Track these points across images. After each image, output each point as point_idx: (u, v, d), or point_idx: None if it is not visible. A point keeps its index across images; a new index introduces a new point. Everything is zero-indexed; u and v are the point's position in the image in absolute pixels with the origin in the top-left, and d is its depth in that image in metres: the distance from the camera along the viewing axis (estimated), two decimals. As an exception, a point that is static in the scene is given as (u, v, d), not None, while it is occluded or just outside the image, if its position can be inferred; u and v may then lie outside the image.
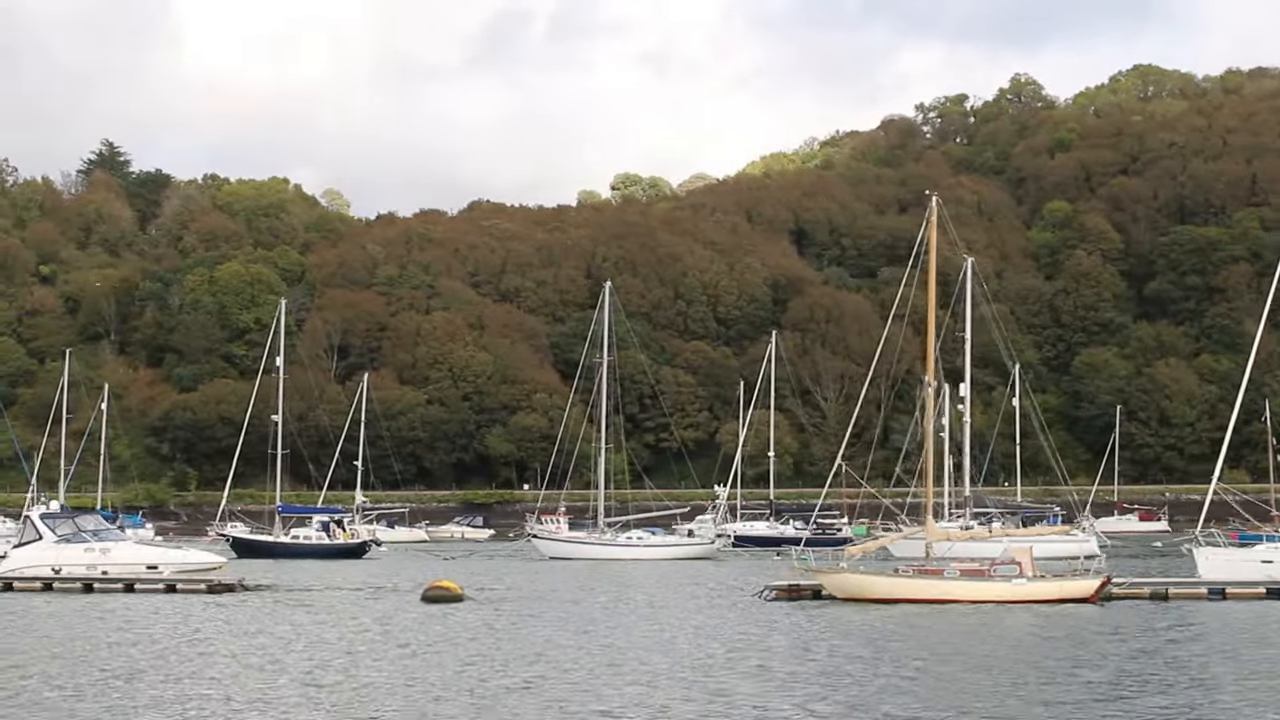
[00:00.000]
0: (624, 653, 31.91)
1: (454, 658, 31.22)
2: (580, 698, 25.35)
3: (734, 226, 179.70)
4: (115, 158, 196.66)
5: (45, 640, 35.40)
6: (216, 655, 32.09)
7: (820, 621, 38.09)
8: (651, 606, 44.12)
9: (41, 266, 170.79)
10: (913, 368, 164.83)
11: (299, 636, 36.00)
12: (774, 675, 27.99)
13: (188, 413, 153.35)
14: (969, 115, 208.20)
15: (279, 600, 48.40)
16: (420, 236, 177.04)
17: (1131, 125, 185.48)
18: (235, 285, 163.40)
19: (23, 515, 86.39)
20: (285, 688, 26.96)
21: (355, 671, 29.10)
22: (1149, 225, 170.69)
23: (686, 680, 27.34)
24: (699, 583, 56.09)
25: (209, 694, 26.18)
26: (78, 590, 52.25)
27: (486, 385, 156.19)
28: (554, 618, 40.61)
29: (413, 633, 36.82)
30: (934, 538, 45.73)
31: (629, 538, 77.59)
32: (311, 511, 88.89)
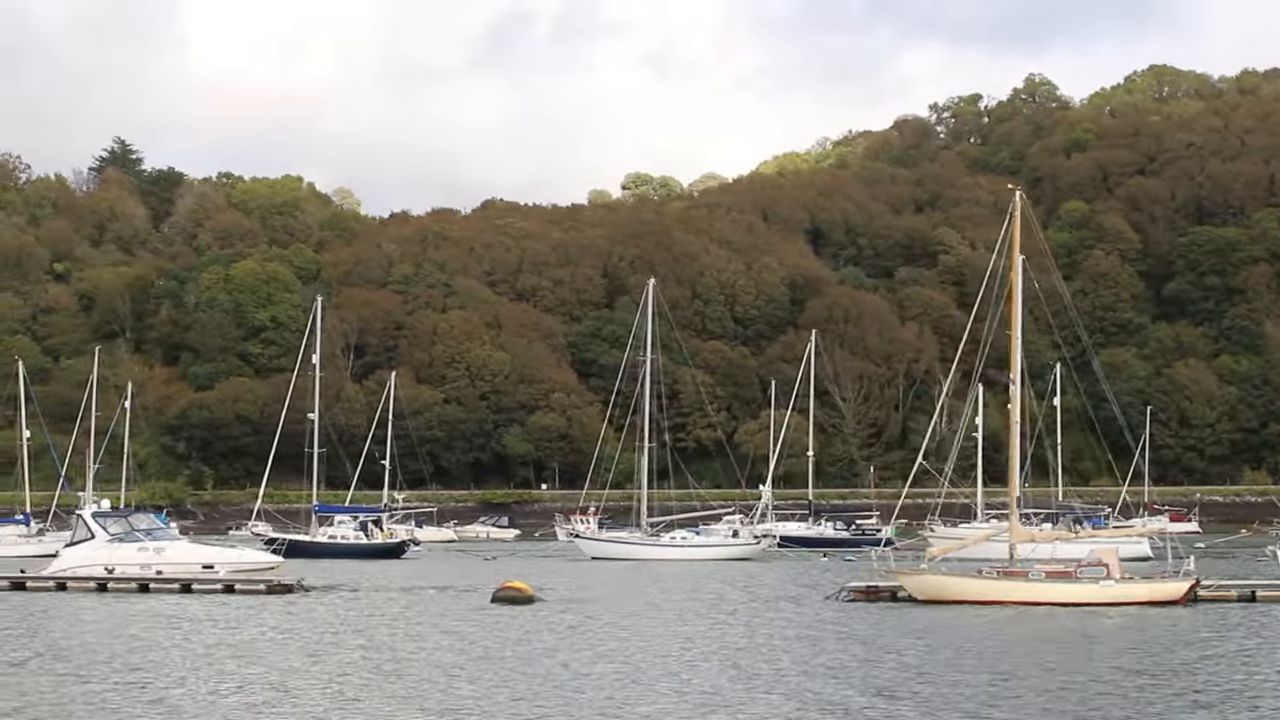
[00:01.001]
0: (734, 658, 31.30)
1: (585, 661, 30.59)
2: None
3: (750, 226, 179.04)
4: (127, 155, 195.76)
5: (181, 649, 34.39)
6: (369, 661, 31.33)
7: (910, 624, 37.46)
8: (731, 608, 43.48)
9: (55, 264, 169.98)
10: (931, 368, 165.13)
11: (408, 640, 35.08)
12: (882, 683, 27.27)
13: (204, 411, 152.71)
14: (983, 115, 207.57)
15: (348, 602, 47.71)
16: (435, 235, 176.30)
17: (1148, 125, 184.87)
18: (251, 283, 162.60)
19: (74, 514, 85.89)
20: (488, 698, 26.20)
21: (528, 675, 28.43)
22: (1167, 226, 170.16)
23: (800, 688, 26.68)
24: (760, 584, 55.43)
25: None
26: (133, 590, 51.59)
27: (504, 385, 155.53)
28: (639, 620, 39.97)
29: (518, 635, 36.17)
30: (1018, 539, 45.11)
31: (672, 538, 76.88)
32: (348, 511, 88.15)
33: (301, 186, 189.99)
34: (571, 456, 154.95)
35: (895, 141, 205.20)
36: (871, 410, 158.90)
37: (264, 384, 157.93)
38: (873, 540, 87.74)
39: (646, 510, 78.47)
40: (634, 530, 78.34)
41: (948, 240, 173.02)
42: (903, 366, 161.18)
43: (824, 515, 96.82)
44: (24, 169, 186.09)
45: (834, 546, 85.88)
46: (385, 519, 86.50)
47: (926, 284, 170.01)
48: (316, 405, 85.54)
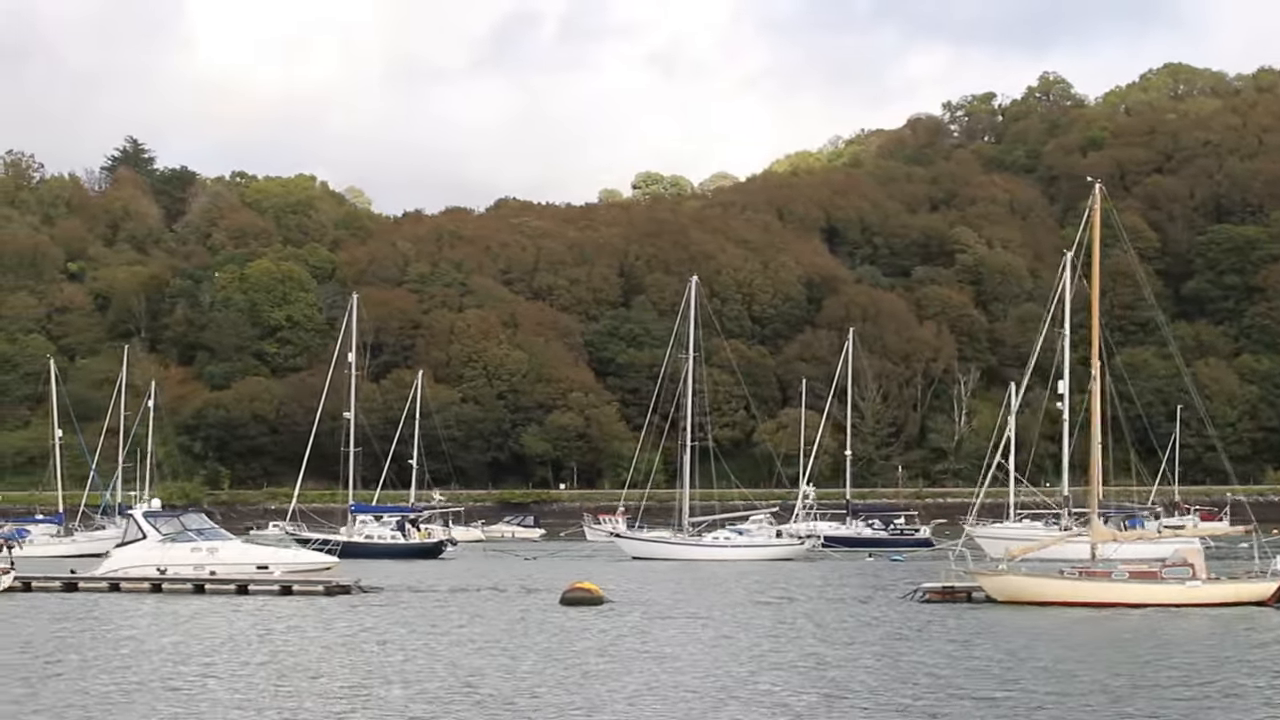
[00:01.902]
0: (837, 660, 30.70)
1: (697, 663, 30.00)
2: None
3: (765, 225, 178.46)
4: (139, 155, 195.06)
5: (303, 650, 33.67)
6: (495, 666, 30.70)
7: (999, 626, 36.83)
8: (803, 608, 42.86)
9: (70, 264, 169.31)
10: (949, 367, 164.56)
11: (490, 644, 34.37)
12: (984, 690, 26.65)
13: (221, 411, 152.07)
14: (996, 114, 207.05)
15: (414, 603, 47.04)
16: (450, 234, 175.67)
17: (1165, 123, 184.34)
18: (266, 283, 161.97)
19: (125, 513, 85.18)
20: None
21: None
22: (1186, 224, 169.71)
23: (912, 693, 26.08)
24: (819, 585, 54.79)
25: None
26: (188, 591, 50.89)
27: (521, 384, 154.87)
28: (719, 623, 39.34)
29: (610, 636, 35.62)
30: (1099, 539, 44.49)
31: (715, 538, 76.20)
32: (385, 510, 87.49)
33: (315, 185, 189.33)
34: (589, 456, 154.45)
35: (909, 140, 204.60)
36: (890, 409, 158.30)
37: (281, 384, 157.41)
38: (912, 540, 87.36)
39: (687, 510, 77.60)
40: (675, 530, 77.55)
41: (965, 239, 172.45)
42: (921, 365, 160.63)
43: (861, 515, 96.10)
44: (37, 168, 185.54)
45: (878, 546, 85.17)
46: (422, 519, 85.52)
47: (944, 283, 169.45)
48: (352, 404, 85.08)
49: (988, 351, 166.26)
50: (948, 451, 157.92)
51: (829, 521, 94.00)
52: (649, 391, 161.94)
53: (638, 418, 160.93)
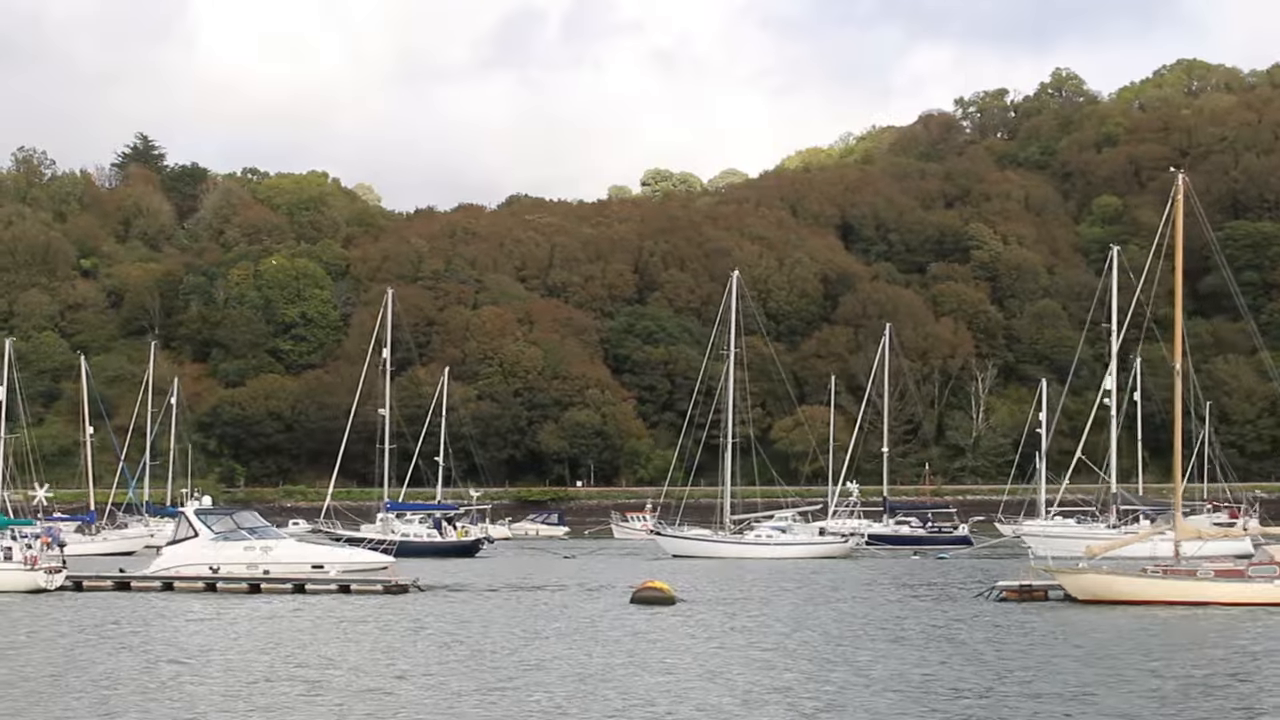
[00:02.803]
0: (934, 662, 30.12)
1: (818, 662, 29.47)
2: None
3: (780, 221, 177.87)
4: (149, 151, 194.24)
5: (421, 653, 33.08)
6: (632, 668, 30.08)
7: (1089, 626, 36.24)
8: (884, 609, 42.23)
9: (82, 260, 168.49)
10: (966, 363, 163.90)
11: (609, 643, 33.69)
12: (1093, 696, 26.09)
13: (236, 408, 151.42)
14: (1009, 110, 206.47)
15: (478, 603, 46.38)
16: (464, 231, 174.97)
17: (1179, 120, 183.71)
18: (280, 279, 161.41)
19: (177, 511, 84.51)
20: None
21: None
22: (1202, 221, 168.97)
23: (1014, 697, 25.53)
24: (880, 583, 54.19)
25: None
26: (243, 591, 50.22)
27: (537, 381, 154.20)
28: (799, 622, 38.76)
29: (702, 637, 35.02)
30: (1184, 536, 43.88)
31: (758, 536, 75.53)
32: (420, 508, 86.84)
33: (327, 182, 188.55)
34: (607, 454, 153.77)
35: (921, 136, 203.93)
36: (907, 406, 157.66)
37: (296, 381, 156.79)
38: (951, 538, 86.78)
39: (729, 507, 76.94)
40: (716, 528, 76.87)
41: (980, 235, 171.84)
42: (938, 362, 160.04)
43: (898, 512, 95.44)
44: (48, 165, 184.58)
45: (918, 544, 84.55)
46: (458, 517, 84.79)
47: (959, 279, 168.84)
48: (387, 401, 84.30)
49: (1004, 348, 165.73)
50: (965, 449, 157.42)
51: (859, 519, 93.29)
52: (666, 389, 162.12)
53: (654, 415, 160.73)
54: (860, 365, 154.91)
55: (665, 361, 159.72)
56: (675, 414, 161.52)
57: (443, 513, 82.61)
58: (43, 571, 51.17)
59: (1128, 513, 73.03)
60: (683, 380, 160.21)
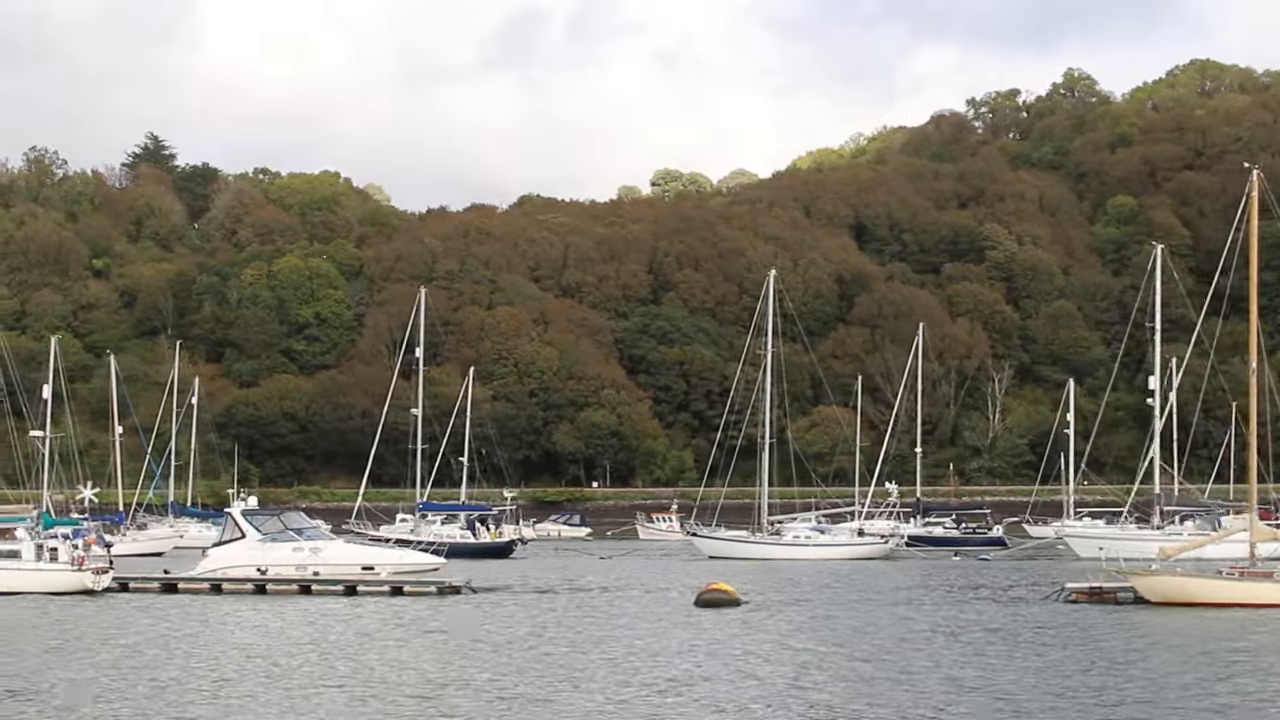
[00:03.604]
0: (1073, 671, 29.57)
1: (923, 667, 29.02)
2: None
3: (793, 221, 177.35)
4: (160, 151, 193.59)
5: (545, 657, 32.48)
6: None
7: (1172, 629, 35.74)
8: (951, 611, 41.69)
9: (94, 260, 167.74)
10: (982, 364, 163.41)
11: (704, 647, 33.10)
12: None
13: (250, 409, 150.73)
14: (1021, 110, 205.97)
15: (537, 604, 45.81)
16: (477, 230, 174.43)
17: (1194, 120, 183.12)
18: (294, 279, 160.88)
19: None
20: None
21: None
22: (1218, 220, 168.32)
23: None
24: (926, 585, 53.64)
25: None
26: (293, 593, 49.67)
27: (552, 381, 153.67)
28: (883, 625, 38.23)
29: (789, 639, 34.49)
30: (1260, 538, 43.34)
31: (796, 537, 74.95)
32: (454, 508, 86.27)
33: (338, 182, 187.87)
34: (622, 454, 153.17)
35: (933, 136, 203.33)
36: (924, 407, 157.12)
37: (310, 381, 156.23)
38: (985, 539, 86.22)
39: (766, 508, 76.34)
40: (754, 529, 76.25)
41: (995, 236, 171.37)
42: (955, 363, 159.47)
43: (931, 513, 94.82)
44: (60, 164, 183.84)
45: (953, 545, 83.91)
46: (491, 517, 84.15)
47: (974, 280, 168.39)
48: (419, 401, 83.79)
49: (1019, 349, 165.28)
50: (981, 449, 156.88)
51: (898, 520, 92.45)
52: (681, 389, 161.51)
53: (670, 415, 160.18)
54: (877, 366, 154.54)
55: (680, 362, 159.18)
56: (690, 414, 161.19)
57: (478, 514, 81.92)
58: (90, 572, 50.61)
59: (1172, 514, 72.42)
60: (698, 381, 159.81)
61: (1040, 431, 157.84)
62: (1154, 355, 79.84)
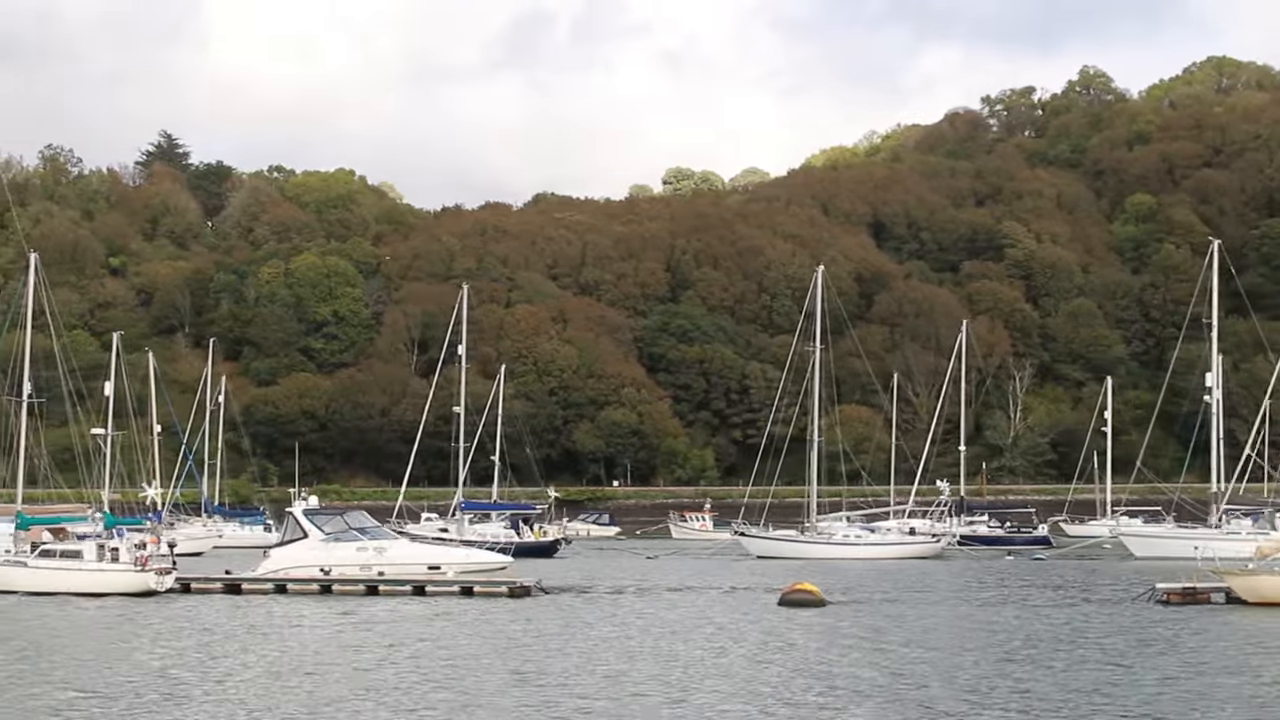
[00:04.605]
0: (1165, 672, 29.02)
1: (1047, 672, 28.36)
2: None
3: (811, 219, 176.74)
4: (173, 150, 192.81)
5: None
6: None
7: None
8: (1043, 610, 41.08)
9: (111, 258, 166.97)
10: (1003, 362, 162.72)
11: (813, 649, 32.53)
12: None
13: (269, 407, 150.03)
14: (1036, 108, 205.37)
15: (615, 605, 45.16)
16: (495, 229, 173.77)
17: (1212, 117, 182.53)
18: (312, 277, 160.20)
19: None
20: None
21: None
22: (1237, 218, 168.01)
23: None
24: (1002, 584, 53.04)
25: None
26: (360, 593, 48.98)
27: (572, 380, 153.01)
28: (971, 622, 37.61)
29: (894, 640, 33.89)
30: (1360, 538, 42.73)
31: (846, 536, 74.35)
32: (495, 507, 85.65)
33: (354, 180, 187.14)
34: (643, 453, 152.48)
35: (947, 134, 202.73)
36: (947, 406, 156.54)
37: (329, 380, 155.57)
38: (1031, 538, 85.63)
39: (815, 508, 75.73)
40: (803, 528, 75.61)
41: (1014, 234, 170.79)
42: (976, 361, 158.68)
43: (975, 512, 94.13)
44: (75, 163, 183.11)
45: (1010, 544, 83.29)
46: (535, 516, 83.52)
47: (994, 278, 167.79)
48: (462, 400, 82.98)
49: (1039, 347, 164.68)
50: (1003, 448, 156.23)
51: (951, 519, 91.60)
52: (701, 387, 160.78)
53: (690, 414, 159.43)
54: (897, 364, 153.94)
55: (700, 360, 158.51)
56: (710, 413, 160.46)
57: (523, 513, 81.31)
58: (154, 573, 49.92)
59: (1227, 513, 71.78)
60: (718, 379, 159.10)
61: (1061, 430, 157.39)
62: (1211, 352, 78.57)
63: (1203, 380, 78.46)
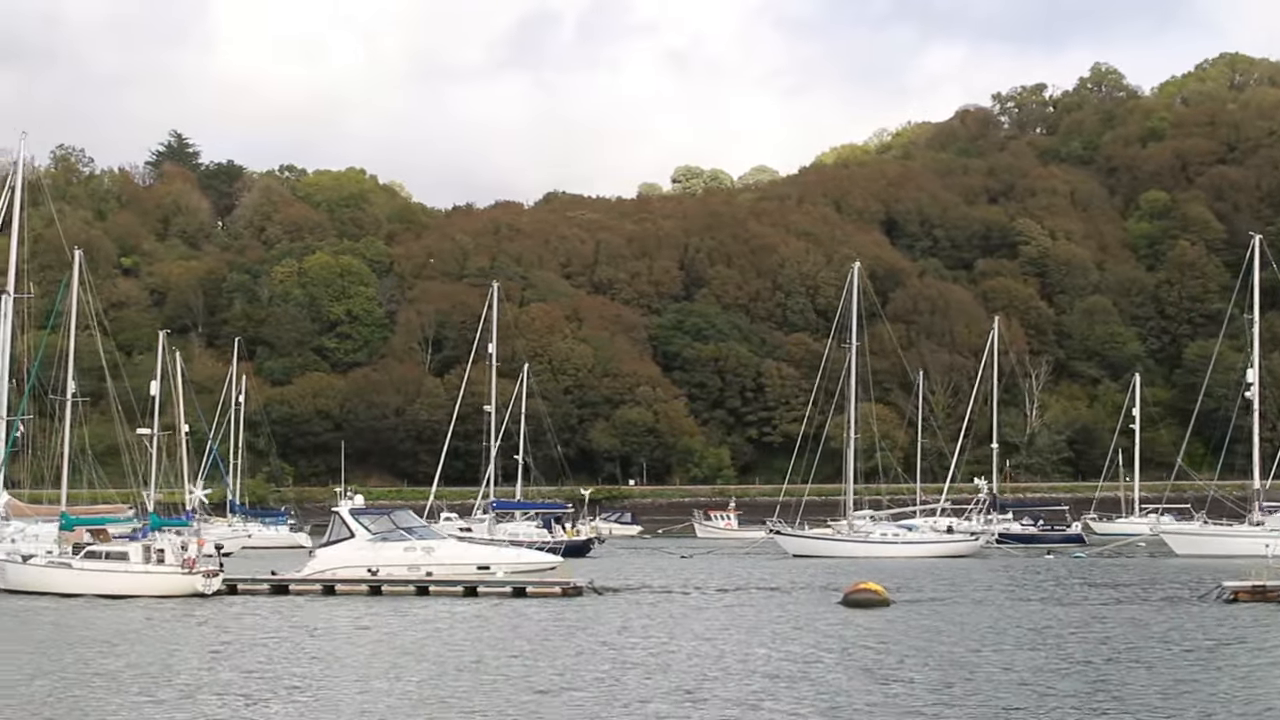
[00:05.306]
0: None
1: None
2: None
3: (824, 217, 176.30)
4: (184, 149, 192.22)
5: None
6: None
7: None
8: (1109, 608, 40.69)
9: (123, 258, 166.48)
10: (1019, 360, 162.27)
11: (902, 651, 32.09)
12: None
13: (284, 407, 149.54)
14: (1047, 105, 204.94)
15: (670, 605, 44.74)
16: (508, 227, 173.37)
17: (1225, 114, 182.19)
18: (325, 277, 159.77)
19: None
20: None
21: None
22: (1252, 215, 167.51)
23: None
24: (1060, 582, 52.65)
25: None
26: (410, 594, 48.61)
27: (587, 379, 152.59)
28: (1054, 623, 37.22)
29: (974, 640, 33.38)
30: None
31: (883, 535, 73.97)
32: (528, 506, 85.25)
33: (365, 179, 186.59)
34: (659, 452, 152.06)
35: (958, 131, 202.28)
36: (961, 404, 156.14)
37: (344, 379, 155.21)
38: (1064, 536, 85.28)
39: (852, 506, 75.36)
40: (849, 525, 75.18)
41: (1029, 231, 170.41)
42: (991, 359, 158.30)
43: (1008, 510, 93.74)
44: (86, 163, 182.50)
45: (1045, 542, 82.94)
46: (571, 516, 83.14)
47: (1008, 275, 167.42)
48: (493, 398, 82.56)
49: (1055, 345, 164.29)
50: (1019, 446, 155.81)
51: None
52: (716, 386, 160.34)
53: (705, 412, 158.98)
54: (913, 362, 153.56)
55: (715, 359, 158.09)
56: (726, 411, 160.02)
57: (554, 511, 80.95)
58: (201, 575, 49.44)
59: (1272, 509, 71.38)
60: (733, 378, 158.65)
61: (1078, 427, 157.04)
62: (1251, 349, 78.13)
63: (1242, 376, 77.67)
